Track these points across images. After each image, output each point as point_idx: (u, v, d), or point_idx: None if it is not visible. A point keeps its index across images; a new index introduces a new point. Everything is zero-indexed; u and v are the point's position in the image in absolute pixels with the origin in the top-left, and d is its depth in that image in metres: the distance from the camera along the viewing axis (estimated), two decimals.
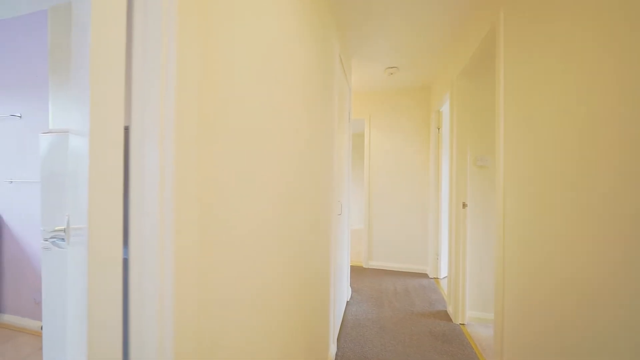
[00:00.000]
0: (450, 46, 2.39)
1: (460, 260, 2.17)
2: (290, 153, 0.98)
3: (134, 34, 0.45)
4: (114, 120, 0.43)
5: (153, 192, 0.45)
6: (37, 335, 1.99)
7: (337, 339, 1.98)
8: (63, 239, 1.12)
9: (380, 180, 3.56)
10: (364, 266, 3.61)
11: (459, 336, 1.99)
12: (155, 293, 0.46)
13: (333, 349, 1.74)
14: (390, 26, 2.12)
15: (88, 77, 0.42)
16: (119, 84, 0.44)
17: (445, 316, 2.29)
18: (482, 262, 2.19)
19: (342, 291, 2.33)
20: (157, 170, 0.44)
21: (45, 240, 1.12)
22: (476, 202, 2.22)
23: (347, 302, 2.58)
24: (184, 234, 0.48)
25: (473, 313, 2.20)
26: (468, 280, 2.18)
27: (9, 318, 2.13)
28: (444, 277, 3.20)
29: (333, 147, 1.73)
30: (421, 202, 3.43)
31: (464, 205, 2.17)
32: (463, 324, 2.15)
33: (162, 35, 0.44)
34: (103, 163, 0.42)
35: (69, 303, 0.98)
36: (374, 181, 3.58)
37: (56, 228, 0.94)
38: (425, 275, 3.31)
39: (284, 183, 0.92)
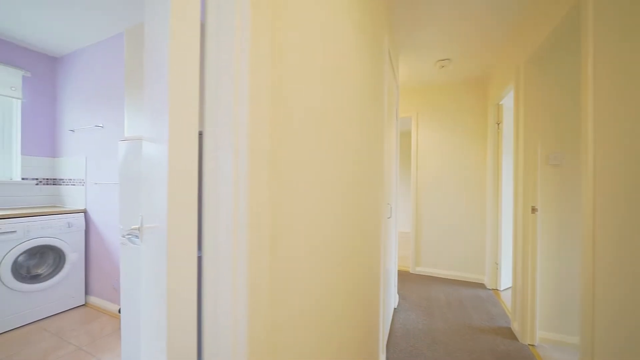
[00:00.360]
0: (514, 31, 2.13)
1: (529, 272, 1.91)
2: (345, 155, 0.95)
3: (207, 43, 0.46)
4: (190, 128, 0.45)
5: (227, 195, 0.45)
6: (116, 317, 2.28)
7: (386, 348, 1.89)
8: (137, 237, 1.24)
9: (429, 181, 3.35)
10: (411, 272, 3.42)
11: (528, 359, 1.76)
12: (229, 290, 0.46)
13: (382, 358, 1.67)
14: (442, 14, 1.96)
15: (167, 88, 0.43)
16: (194, 91, 0.45)
17: (509, 334, 2.05)
18: (557, 275, 1.91)
19: (390, 297, 2.23)
20: (230, 173, 0.44)
21: (123, 236, 1.26)
22: (548, 206, 1.93)
23: (395, 309, 2.47)
24: (257, 236, 0.48)
25: (545, 334, 1.93)
26: (539, 295, 1.92)
27: (94, 300, 2.48)
28: (506, 289, 2.88)
29: (383, 148, 1.65)
30: (477, 205, 3.13)
31: (534, 209, 1.91)
32: (532, 345, 1.90)
33: (236, 43, 0.44)
34: (180, 167, 0.44)
35: (142, 292, 1.08)
36: (422, 182, 3.38)
37: (132, 227, 1.05)
38: (481, 286, 3.01)
39: (340, 186, 0.89)
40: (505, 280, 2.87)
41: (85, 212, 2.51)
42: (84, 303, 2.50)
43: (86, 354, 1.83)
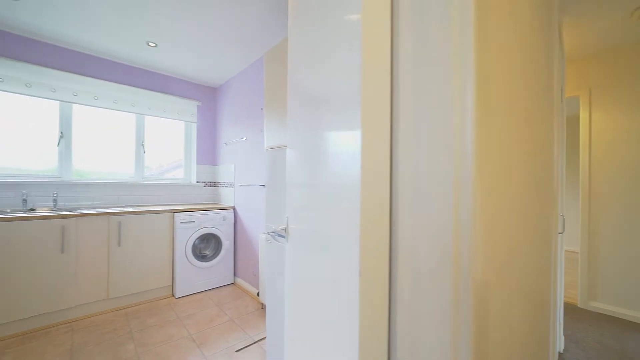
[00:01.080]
0: None
1: None
2: (528, 153, 0.72)
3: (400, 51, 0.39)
4: (383, 136, 0.38)
5: (443, 203, 0.36)
6: (255, 299, 2.68)
7: None
8: (280, 235, 1.37)
9: (611, 182, 2.39)
10: (580, 306, 2.53)
11: None
12: (446, 298, 0.37)
13: None
14: None
15: (359, 98, 0.38)
16: (387, 89, 0.38)
17: None
18: None
19: (555, 337, 1.68)
20: (447, 174, 0.35)
21: (268, 234, 1.42)
22: None
23: (559, 353, 1.85)
24: (485, 253, 0.37)
25: None
26: None
27: (239, 281, 3.01)
28: None
29: (553, 141, 1.24)
30: None
31: None
32: None
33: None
34: (373, 173, 0.37)
35: (285, 283, 1.16)
36: (598, 183, 2.45)
37: (280, 227, 1.15)
38: None
39: (515, 190, 0.67)
40: None
41: (234, 209, 3.10)
42: (232, 282, 3.08)
43: (237, 326, 2.22)
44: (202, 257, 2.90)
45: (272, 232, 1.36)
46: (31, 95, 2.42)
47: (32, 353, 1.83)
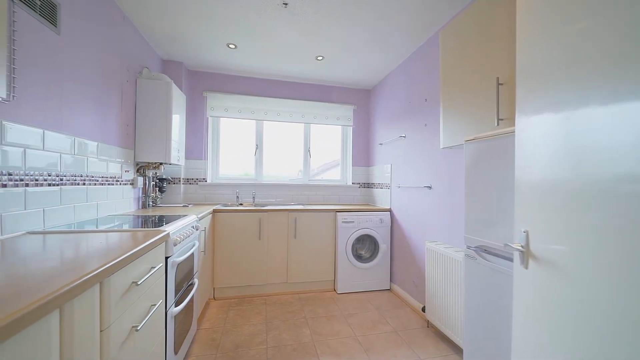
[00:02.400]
0: None
1: None
2: None
3: None
4: None
5: None
6: (418, 313, 2.39)
7: None
8: (490, 253, 1.03)
9: None
10: None
11: None
12: None
13: None
14: None
15: None
16: None
17: None
18: None
19: None
20: None
21: (469, 248, 1.12)
22: None
23: None
24: None
25: None
26: None
27: (396, 288, 2.82)
28: None
29: None
30: None
31: None
32: None
33: None
34: None
35: (518, 321, 0.82)
36: None
37: (514, 245, 0.83)
38: None
39: None
40: None
41: (390, 211, 2.96)
42: (388, 288, 2.93)
43: (402, 340, 2.02)
44: (358, 256, 2.92)
45: (476, 248, 1.05)
46: (241, 118, 3.22)
47: (243, 315, 2.36)
